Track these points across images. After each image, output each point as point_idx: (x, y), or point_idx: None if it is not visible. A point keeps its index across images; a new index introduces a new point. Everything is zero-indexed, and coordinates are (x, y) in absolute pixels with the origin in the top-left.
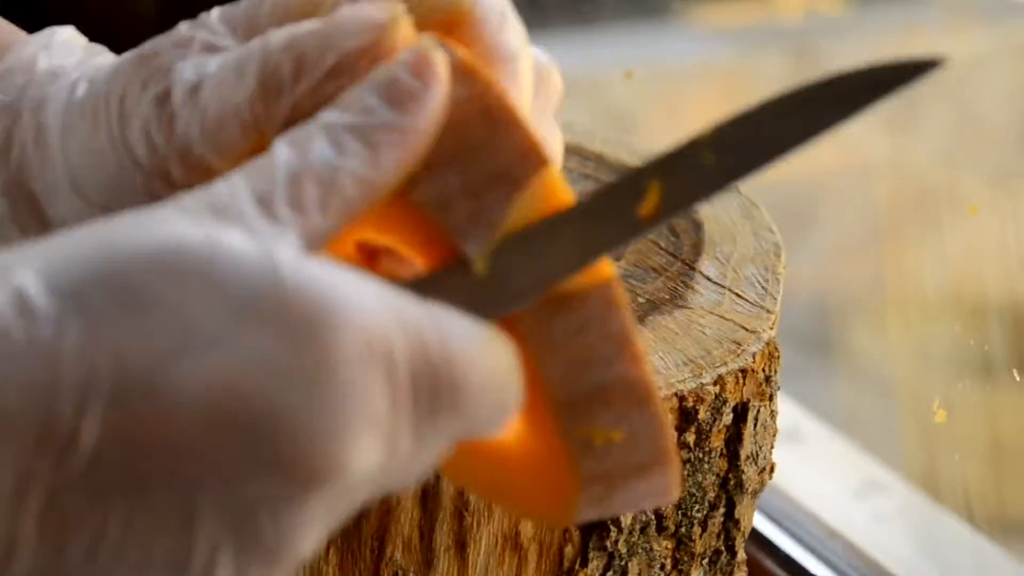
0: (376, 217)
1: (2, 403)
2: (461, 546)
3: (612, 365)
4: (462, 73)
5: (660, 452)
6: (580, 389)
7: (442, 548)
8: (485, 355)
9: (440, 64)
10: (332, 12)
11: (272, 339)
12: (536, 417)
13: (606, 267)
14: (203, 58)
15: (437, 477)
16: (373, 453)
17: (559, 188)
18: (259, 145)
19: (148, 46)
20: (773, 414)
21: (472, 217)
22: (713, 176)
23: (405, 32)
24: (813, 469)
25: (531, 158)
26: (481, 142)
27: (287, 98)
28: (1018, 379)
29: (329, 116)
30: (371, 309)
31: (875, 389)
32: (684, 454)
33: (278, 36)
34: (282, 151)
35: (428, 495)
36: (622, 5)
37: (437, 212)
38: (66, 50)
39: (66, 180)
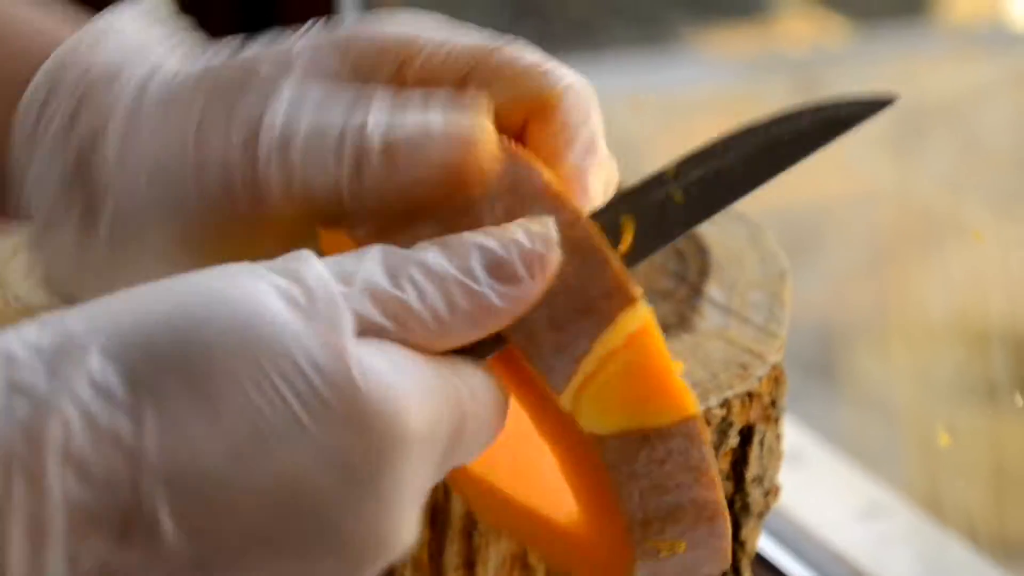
0: None
1: (88, 496)
2: (470, 565)
3: (688, 490)
4: (551, 201)
5: (718, 554)
6: (654, 510)
7: (451, 568)
8: (491, 400)
9: (552, 261)
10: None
11: (343, 435)
12: (601, 518)
13: (692, 401)
14: (293, 102)
15: (447, 497)
16: (418, 520)
17: (648, 325)
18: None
19: (231, 71)
20: (779, 437)
21: (557, 349)
22: (681, 215)
23: (490, 148)
24: (817, 492)
25: (619, 296)
26: (569, 277)
27: (376, 191)
28: (1021, 404)
29: (430, 256)
30: (428, 398)
31: (879, 413)
32: None
33: (378, 119)
34: (372, 268)
35: (437, 514)
36: (630, 34)
37: (521, 342)
38: (120, 39)
39: (139, 187)
